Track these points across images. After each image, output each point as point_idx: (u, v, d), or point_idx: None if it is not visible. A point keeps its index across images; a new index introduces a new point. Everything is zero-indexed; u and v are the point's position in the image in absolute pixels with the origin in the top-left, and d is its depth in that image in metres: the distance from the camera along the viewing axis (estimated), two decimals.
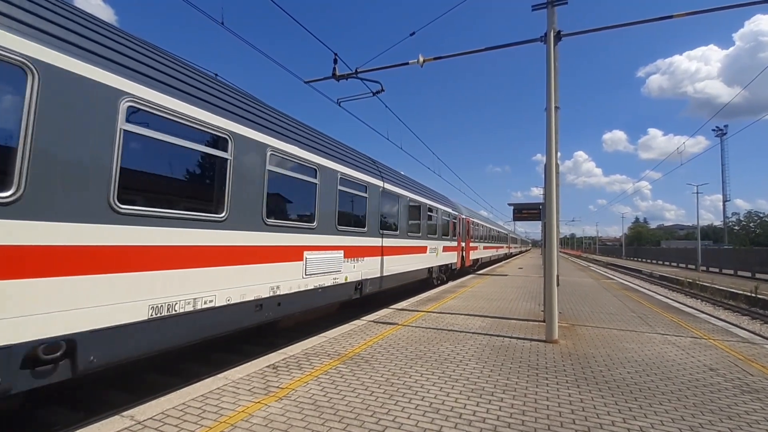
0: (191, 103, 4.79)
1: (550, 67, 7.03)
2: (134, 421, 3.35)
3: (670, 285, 26.93)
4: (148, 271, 4.14)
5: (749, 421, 3.64)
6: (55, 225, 3.34)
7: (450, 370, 4.89)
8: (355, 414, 3.60)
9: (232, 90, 6.09)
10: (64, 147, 3.46)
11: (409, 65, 8.70)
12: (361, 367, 4.97)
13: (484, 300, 11.05)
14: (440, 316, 8.38)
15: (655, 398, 4.15)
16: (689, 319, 8.97)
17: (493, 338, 6.61)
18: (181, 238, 4.52)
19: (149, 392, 4.57)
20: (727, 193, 77.87)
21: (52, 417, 4.37)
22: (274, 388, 4.19)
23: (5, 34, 3.09)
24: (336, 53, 8.79)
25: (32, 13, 3.39)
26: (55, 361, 3.37)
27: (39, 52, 3.30)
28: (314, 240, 7.21)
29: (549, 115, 6.95)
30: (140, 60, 4.35)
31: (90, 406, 4.57)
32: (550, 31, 7.09)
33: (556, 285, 6.81)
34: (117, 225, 3.84)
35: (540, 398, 4.08)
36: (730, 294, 20.29)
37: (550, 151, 6.90)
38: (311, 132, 7.91)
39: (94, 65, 3.75)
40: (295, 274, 6.60)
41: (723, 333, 7.51)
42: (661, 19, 7.14)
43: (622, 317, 8.91)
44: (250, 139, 5.69)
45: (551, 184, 6.93)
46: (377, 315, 8.40)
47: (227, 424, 3.34)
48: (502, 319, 8.34)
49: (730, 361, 5.62)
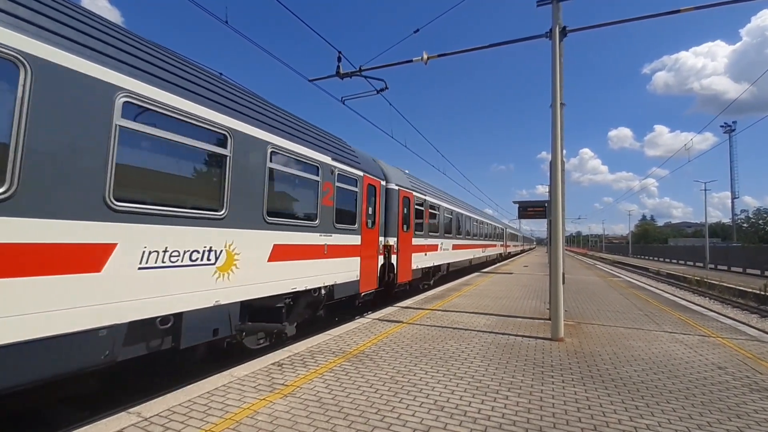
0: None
1: (555, 64, 6.97)
2: (140, 417, 3.38)
3: (678, 283, 26.70)
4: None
5: (758, 420, 3.60)
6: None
7: (455, 368, 4.88)
8: (359, 411, 3.60)
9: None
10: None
11: (413, 63, 8.67)
12: (366, 364, 4.97)
13: (490, 298, 11.01)
14: (445, 314, 8.36)
15: (662, 396, 4.12)
16: (697, 317, 8.88)
17: (499, 336, 6.59)
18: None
19: (155, 390, 4.60)
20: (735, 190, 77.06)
21: (58, 415, 4.41)
22: (279, 385, 4.21)
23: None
24: (340, 51, 8.77)
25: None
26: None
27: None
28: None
29: (554, 111, 6.89)
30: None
31: (96, 403, 4.61)
32: (555, 27, 7.03)
33: (562, 283, 6.77)
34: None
35: (545, 396, 4.06)
36: (738, 292, 20.06)
37: (556, 148, 6.84)
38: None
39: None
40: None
41: (732, 331, 7.43)
42: (667, 14, 7.04)
43: (628, 315, 8.84)
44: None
45: (557, 182, 6.88)
46: (382, 313, 8.41)
47: (233, 420, 3.36)
48: (507, 317, 8.30)
49: (739, 359, 5.55)
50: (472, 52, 8.54)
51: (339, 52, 8.81)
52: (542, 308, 9.37)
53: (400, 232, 11.10)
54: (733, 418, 3.63)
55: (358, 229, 8.77)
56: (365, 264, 9.08)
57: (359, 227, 8.83)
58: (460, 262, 19.23)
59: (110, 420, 3.33)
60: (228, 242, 5.18)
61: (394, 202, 10.94)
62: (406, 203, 11.75)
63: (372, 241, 9.57)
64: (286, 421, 3.36)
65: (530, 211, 9.48)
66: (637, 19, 7.30)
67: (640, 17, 7.26)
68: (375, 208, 9.88)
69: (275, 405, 3.69)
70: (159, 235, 4.29)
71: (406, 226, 11.62)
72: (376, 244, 9.80)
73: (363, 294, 9.09)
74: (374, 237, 9.73)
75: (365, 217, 9.19)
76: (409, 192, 12.19)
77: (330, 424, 3.34)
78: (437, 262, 15.05)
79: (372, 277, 9.52)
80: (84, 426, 3.27)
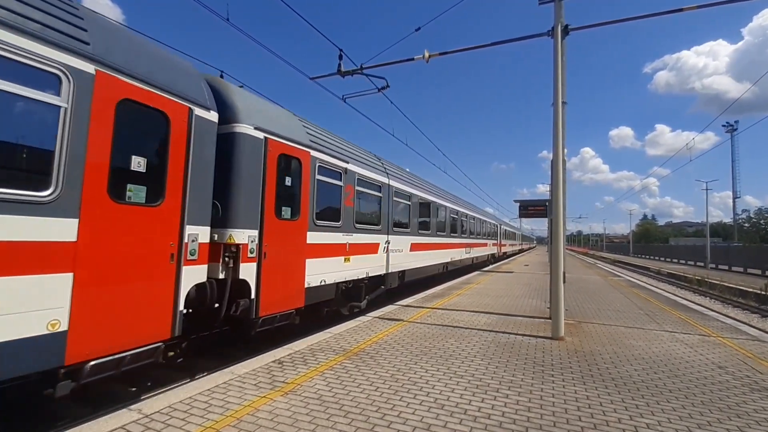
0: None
1: (557, 62, 6.96)
2: (142, 414, 3.39)
3: (679, 282, 26.68)
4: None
5: (758, 419, 3.60)
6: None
7: (455, 367, 4.89)
8: (360, 409, 3.61)
9: None
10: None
11: (414, 61, 8.66)
12: (366, 363, 4.98)
13: (490, 297, 11.02)
14: (446, 313, 8.37)
15: (662, 396, 4.12)
16: (698, 316, 8.87)
17: (499, 335, 6.59)
18: None
19: (156, 387, 4.61)
20: (737, 189, 76.90)
21: (60, 411, 4.43)
22: (280, 383, 4.22)
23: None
24: (341, 49, 8.76)
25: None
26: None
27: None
28: None
29: (556, 110, 6.88)
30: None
31: (97, 400, 4.63)
32: (557, 25, 7.01)
33: (563, 282, 6.77)
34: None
35: (545, 395, 4.07)
36: (739, 292, 20.05)
37: (557, 147, 6.83)
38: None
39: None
40: None
41: (732, 331, 7.42)
42: (670, 12, 7.02)
43: (629, 314, 8.84)
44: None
45: (558, 181, 6.87)
46: (382, 311, 8.41)
47: (233, 418, 3.37)
48: (507, 315, 8.31)
49: (739, 359, 5.55)
50: (473, 51, 8.54)
51: (340, 50, 8.81)
52: (543, 307, 9.37)
53: (268, 218, 6.12)
54: (733, 418, 3.63)
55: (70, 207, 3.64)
56: (97, 294, 3.83)
57: (73, 201, 3.67)
58: (426, 267, 13.81)
59: (111, 416, 3.34)
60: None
61: (251, 160, 5.92)
62: (286, 167, 6.70)
63: (142, 235, 4.30)
64: (286, 419, 3.37)
65: (531, 210, 9.48)
66: (640, 17, 7.28)
67: (643, 16, 7.24)
68: (167, 162, 4.62)
69: (276, 402, 3.70)
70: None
71: (287, 210, 6.66)
72: (158, 243, 4.50)
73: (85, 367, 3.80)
74: (153, 225, 4.44)
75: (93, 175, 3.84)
76: (301, 149, 6.95)
77: (331, 421, 3.35)
78: (374, 270, 9.71)
79: (129, 318, 4.15)
80: (85, 422, 3.28)
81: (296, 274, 6.79)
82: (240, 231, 5.67)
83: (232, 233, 5.60)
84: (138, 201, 4.30)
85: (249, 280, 5.73)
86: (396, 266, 11.11)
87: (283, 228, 6.52)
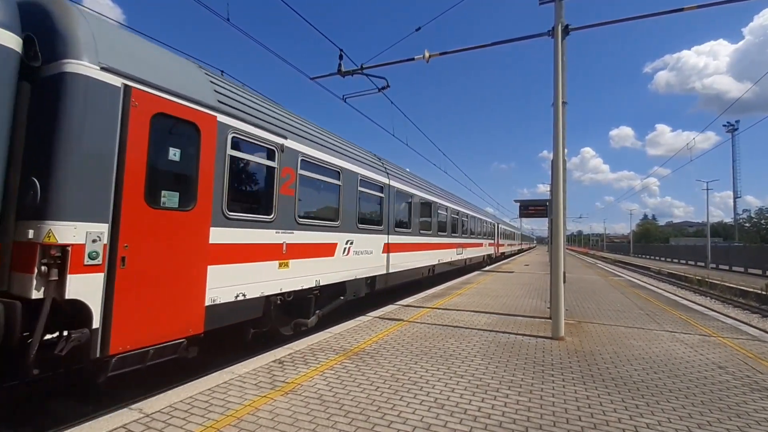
0: None
1: (557, 62, 6.96)
2: (142, 413, 3.40)
3: (679, 282, 26.66)
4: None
5: (758, 419, 3.60)
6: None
7: (455, 367, 4.89)
8: (360, 409, 3.62)
9: None
10: None
11: (415, 61, 8.66)
12: (367, 362, 4.98)
13: (490, 297, 11.02)
14: (446, 313, 8.37)
15: (663, 396, 4.12)
16: (698, 316, 8.87)
17: (499, 335, 6.60)
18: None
19: (157, 386, 4.62)
20: (737, 189, 76.98)
21: (60, 410, 4.44)
22: (280, 382, 4.22)
23: None
24: (342, 49, 8.76)
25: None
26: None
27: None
28: None
29: (556, 110, 6.88)
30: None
31: (98, 399, 4.64)
32: (557, 25, 7.00)
33: (563, 282, 6.77)
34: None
35: (546, 395, 4.07)
36: (740, 291, 20.04)
37: (557, 147, 6.83)
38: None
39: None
40: None
41: (733, 331, 7.42)
42: (670, 12, 7.01)
43: (629, 314, 8.84)
44: None
45: (558, 180, 6.87)
46: (382, 311, 8.42)
47: (234, 417, 3.38)
48: (508, 315, 8.31)
49: (740, 359, 5.55)
50: (473, 51, 8.53)
51: (341, 50, 8.81)
52: (543, 307, 9.37)
53: (132, 206, 4.11)
54: (734, 418, 3.63)
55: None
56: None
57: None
58: (406, 272, 11.91)
59: (112, 416, 3.35)
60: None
61: (94, 115, 3.87)
62: (172, 133, 4.68)
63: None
64: (287, 419, 3.37)
65: (531, 210, 9.50)
66: (640, 17, 7.28)
67: (643, 16, 7.23)
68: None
69: (276, 402, 3.71)
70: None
71: (172, 196, 4.60)
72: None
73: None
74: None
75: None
76: (201, 111, 4.96)
77: (331, 421, 3.36)
78: (329, 278, 7.75)
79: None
80: (86, 421, 3.29)
81: (187, 288, 4.70)
82: (68, 225, 3.64)
83: (53, 228, 3.58)
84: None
85: (87, 301, 3.72)
86: (362, 272, 9.15)
87: (163, 220, 4.42)
